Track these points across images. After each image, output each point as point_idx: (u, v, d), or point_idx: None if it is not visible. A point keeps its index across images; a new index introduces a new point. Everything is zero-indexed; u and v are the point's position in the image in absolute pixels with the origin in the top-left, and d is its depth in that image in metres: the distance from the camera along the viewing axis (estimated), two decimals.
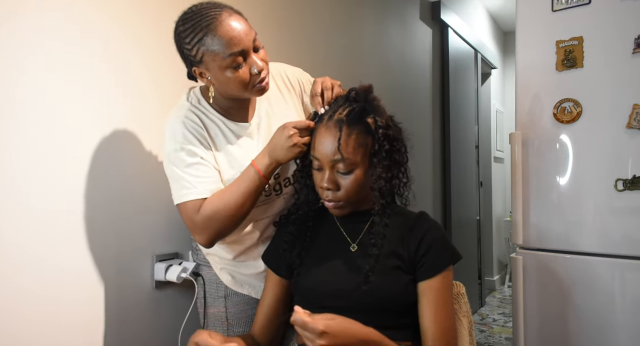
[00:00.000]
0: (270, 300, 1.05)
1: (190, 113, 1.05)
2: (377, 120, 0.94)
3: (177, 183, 1.01)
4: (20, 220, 0.99)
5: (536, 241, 1.66)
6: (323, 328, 0.73)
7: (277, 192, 1.13)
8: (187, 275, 1.24)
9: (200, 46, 0.95)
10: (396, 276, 0.94)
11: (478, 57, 3.76)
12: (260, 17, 1.64)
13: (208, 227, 0.98)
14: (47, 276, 1.04)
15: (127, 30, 1.22)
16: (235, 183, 1.00)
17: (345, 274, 0.95)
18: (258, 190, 1.00)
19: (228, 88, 1.01)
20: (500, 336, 3.08)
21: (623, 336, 1.49)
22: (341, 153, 0.90)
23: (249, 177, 0.99)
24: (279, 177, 1.12)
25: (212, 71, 0.98)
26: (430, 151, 2.95)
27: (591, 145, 1.57)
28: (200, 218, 0.98)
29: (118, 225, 1.19)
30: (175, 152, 1.01)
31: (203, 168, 1.01)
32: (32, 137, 1.02)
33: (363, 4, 2.33)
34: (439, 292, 0.93)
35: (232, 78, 0.97)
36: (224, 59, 0.95)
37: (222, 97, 1.06)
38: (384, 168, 0.94)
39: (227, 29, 0.94)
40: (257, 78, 0.99)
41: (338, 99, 0.98)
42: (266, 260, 1.08)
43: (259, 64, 0.98)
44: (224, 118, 1.08)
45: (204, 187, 0.99)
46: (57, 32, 1.06)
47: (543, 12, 1.66)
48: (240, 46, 0.95)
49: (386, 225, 0.95)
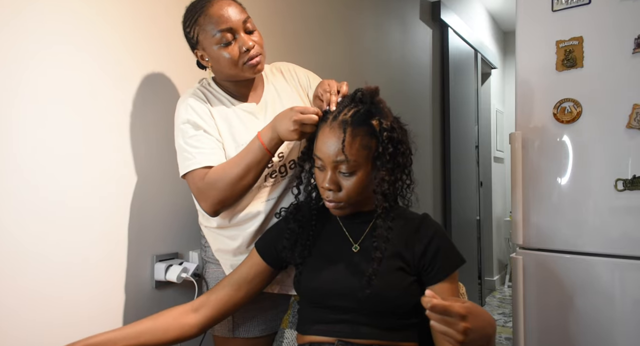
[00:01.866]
0: (240, 276, 1.03)
1: (198, 91, 1.12)
2: (381, 123, 0.93)
3: (181, 155, 1.06)
4: (21, 220, 0.99)
5: (536, 241, 1.66)
6: (464, 311, 0.69)
7: (282, 174, 1.14)
8: (188, 275, 1.24)
9: (195, 26, 1.05)
10: (399, 278, 0.94)
11: (478, 57, 3.76)
12: (260, 17, 1.64)
13: (210, 194, 1.01)
14: (47, 276, 1.04)
15: (131, 28, 1.22)
16: (240, 154, 1.03)
17: (348, 275, 0.95)
18: (261, 163, 1.01)
19: (220, 66, 1.07)
20: (500, 336, 3.08)
21: (623, 336, 1.49)
22: (345, 154, 0.90)
23: (253, 149, 1.01)
24: (283, 157, 1.13)
25: (207, 50, 1.06)
26: (430, 151, 2.95)
27: (591, 145, 1.57)
28: (204, 185, 1.01)
29: (118, 225, 1.19)
30: (182, 124, 1.07)
31: (204, 140, 1.06)
32: (32, 138, 1.02)
33: (363, 4, 2.33)
34: (448, 293, 0.93)
35: (222, 55, 1.04)
36: (213, 36, 1.03)
37: (222, 79, 1.13)
38: (387, 171, 0.93)
39: (217, 8, 1.03)
40: (246, 56, 1.05)
41: (344, 99, 0.98)
42: (259, 246, 1.06)
43: (247, 42, 1.04)
44: (230, 98, 1.14)
45: (204, 157, 1.04)
46: (58, 33, 1.06)
47: (543, 12, 1.66)
48: (229, 24, 1.03)
49: (389, 228, 0.95)
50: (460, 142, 3.33)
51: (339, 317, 0.95)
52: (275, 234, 1.07)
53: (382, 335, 0.92)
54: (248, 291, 1.04)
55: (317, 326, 0.97)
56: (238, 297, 1.03)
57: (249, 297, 1.05)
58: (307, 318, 1.01)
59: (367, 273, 0.92)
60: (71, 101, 1.09)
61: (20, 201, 0.99)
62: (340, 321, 0.95)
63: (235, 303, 1.03)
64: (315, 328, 0.97)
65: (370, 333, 0.92)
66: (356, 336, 0.92)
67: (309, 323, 0.99)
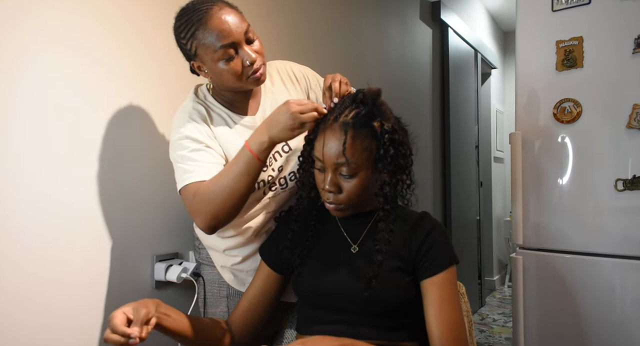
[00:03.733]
0: (256, 290, 1.05)
1: (197, 105, 1.07)
2: (383, 125, 0.92)
3: (178, 170, 1.02)
4: (20, 220, 0.99)
5: (536, 241, 1.66)
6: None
7: (282, 186, 1.13)
8: (188, 275, 1.24)
9: (193, 40, 0.98)
10: (397, 279, 0.93)
11: (478, 57, 3.76)
12: (260, 18, 1.64)
13: (203, 209, 0.95)
14: (47, 276, 1.04)
15: (129, 33, 1.22)
16: (229, 165, 0.98)
17: (347, 276, 0.95)
18: (251, 171, 0.95)
19: (223, 81, 1.02)
20: (500, 336, 3.08)
21: (623, 336, 1.49)
22: (346, 156, 0.89)
23: (241, 157, 0.96)
24: (282, 170, 1.12)
25: (207, 64, 1.01)
26: (430, 151, 2.95)
27: (591, 145, 1.57)
28: (197, 201, 0.96)
29: (118, 224, 1.19)
30: (179, 140, 1.02)
31: (204, 154, 1.01)
32: (32, 138, 1.02)
33: (363, 4, 2.33)
34: (443, 287, 0.91)
35: (225, 70, 0.99)
36: (215, 52, 0.97)
37: (222, 89, 1.08)
38: (388, 174, 0.93)
39: (217, 22, 0.96)
40: (249, 69, 1.00)
41: (345, 100, 0.96)
42: (262, 252, 1.07)
43: (252, 55, 0.99)
44: (228, 112, 1.10)
45: (202, 170, 0.99)
46: (59, 35, 1.06)
47: (543, 12, 1.66)
48: (231, 38, 0.97)
49: (391, 231, 0.94)
50: (460, 142, 3.33)
51: (338, 318, 0.95)
52: (276, 237, 1.07)
53: (381, 335, 0.92)
54: (264, 302, 1.05)
55: (317, 327, 0.96)
56: (257, 310, 1.05)
57: (268, 307, 1.06)
58: (306, 318, 1.01)
59: (367, 275, 0.91)
60: (71, 101, 1.09)
61: (20, 201, 0.99)
62: (339, 321, 0.94)
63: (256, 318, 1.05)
64: (315, 328, 0.96)
65: (369, 334, 0.92)
66: (355, 337, 0.92)
67: (309, 323, 0.99)
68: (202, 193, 0.96)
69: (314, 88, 1.22)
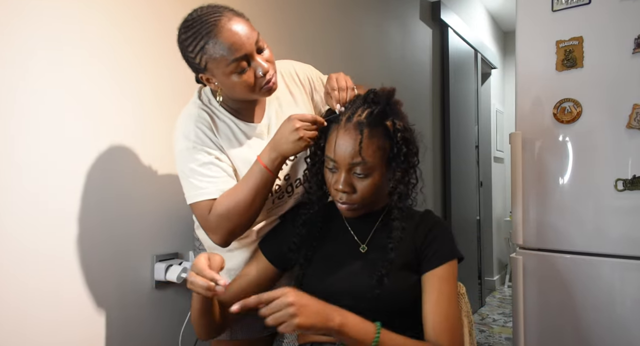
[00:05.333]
0: (251, 279, 1.04)
1: (202, 112, 1.04)
2: (395, 123, 0.93)
3: (188, 183, 1.00)
4: (21, 220, 1.00)
5: (536, 241, 1.66)
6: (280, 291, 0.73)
7: (289, 193, 1.13)
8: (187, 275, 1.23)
9: (203, 54, 0.94)
10: (405, 277, 0.94)
11: (478, 57, 3.76)
12: (260, 18, 1.64)
13: (221, 226, 0.97)
14: (47, 276, 1.04)
15: (128, 33, 1.22)
16: (243, 180, 0.99)
17: (357, 276, 0.95)
18: (266, 185, 0.98)
19: (235, 93, 1.00)
20: (500, 336, 3.08)
21: (623, 336, 1.49)
22: (362, 156, 0.89)
23: (255, 173, 0.97)
24: (289, 178, 1.12)
25: (217, 77, 0.97)
26: (430, 151, 2.95)
27: (591, 145, 1.57)
28: (213, 218, 0.97)
29: (118, 225, 1.19)
30: (187, 150, 1.00)
31: (215, 168, 1.00)
32: (33, 138, 1.02)
33: (363, 4, 2.33)
34: (443, 280, 0.92)
35: (238, 83, 0.96)
36: (227, 65, 0.94)
37: (231, 99, 1.06)
38: (402, 172, 0.94)
39: (227, 35, 0.92)
40: (262, 80, 0.98)
41: (355, 101, 0.97)
42: (263, 248, 1.07)
43: (264, 65, 0.97)
44: (234, 118, 1.08)
45: (215, 187, 0.98)
46: (59, 36, 1.06)
47: (543, 12, 1.66)
48: (243, 51, 0.94)
49: (403, 229, 0.95)
50: (460, 142, 3.33)
51: None
52: (281, 234, 1.06)
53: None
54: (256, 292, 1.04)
55: None
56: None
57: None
58: None
59: (378, 273, 0.92)
60: (71, 101, 1.09)
61: (20, 201, 0.99)
62: None
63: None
64: None
65: None
66: None
67: None
68: (218, 210, 0.96)
69: (318, 89, 1.22)
